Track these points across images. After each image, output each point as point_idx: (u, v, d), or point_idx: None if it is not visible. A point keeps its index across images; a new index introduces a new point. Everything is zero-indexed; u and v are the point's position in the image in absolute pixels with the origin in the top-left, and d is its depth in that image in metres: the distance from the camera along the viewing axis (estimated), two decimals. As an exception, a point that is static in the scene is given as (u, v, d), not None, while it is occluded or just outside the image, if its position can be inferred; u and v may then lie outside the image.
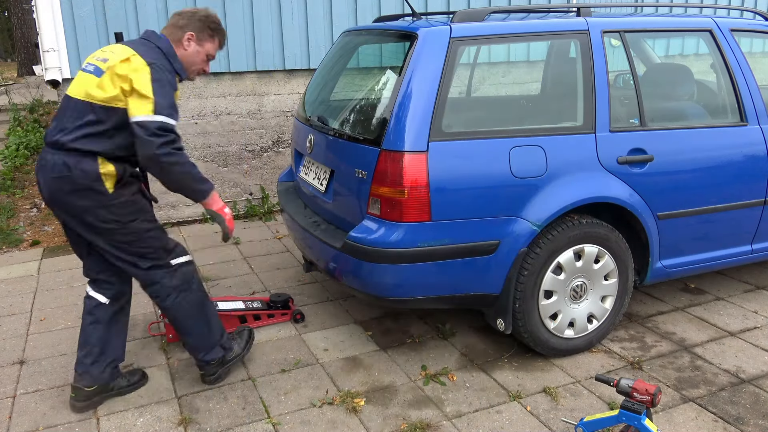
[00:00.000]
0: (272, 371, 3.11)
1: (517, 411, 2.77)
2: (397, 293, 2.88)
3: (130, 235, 2.67)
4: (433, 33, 2.84)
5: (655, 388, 2.33)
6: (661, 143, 3.13)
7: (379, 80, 3.34)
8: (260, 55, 5.37)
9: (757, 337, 3.38)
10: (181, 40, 2.70)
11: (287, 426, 2.69)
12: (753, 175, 3.39)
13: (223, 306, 3.47)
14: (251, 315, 3.53)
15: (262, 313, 3.56)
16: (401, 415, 2.75)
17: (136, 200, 2.72)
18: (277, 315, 3.59)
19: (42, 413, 2.80)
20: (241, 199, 5.72)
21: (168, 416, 2.76)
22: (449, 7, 5.89)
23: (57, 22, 4.74)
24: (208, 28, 2.74)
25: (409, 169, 2.70)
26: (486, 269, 2.89)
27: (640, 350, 3.27)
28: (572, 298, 3.10)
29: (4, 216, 5.58)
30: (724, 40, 3.42)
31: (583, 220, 3.00)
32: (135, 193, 2.72)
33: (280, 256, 4.67)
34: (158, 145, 2.45)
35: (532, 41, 3.47)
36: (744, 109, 3.38)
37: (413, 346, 3.34)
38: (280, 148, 5.74)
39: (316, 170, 3.40)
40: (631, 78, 3.23)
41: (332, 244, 3.01)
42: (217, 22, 2.79)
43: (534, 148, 2.86)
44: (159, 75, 2.51)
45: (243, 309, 3.52)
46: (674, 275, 3.42)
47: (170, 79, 2.58)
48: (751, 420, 2.69)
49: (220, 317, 3.38)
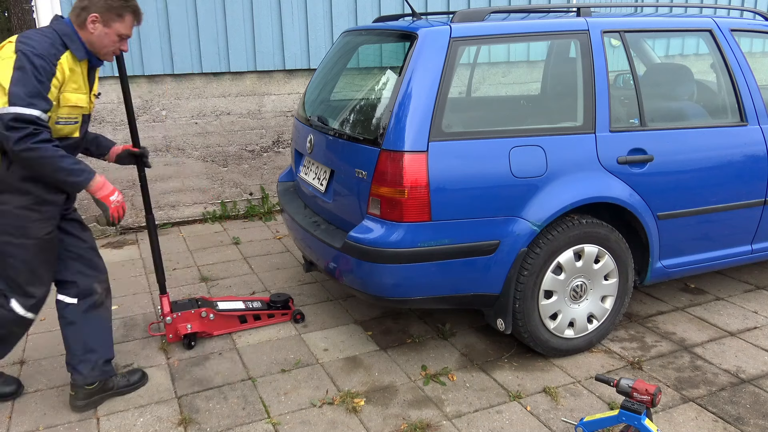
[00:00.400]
0: (272, 371, 3.11)
1: (517, 411, 2.77)
2: (397, 293, 2.88)
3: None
4: (433, 33, 2.84)
5: (655, 388, 2.33)
6: (661, 143, 3.13)
7: (379, 80, 3.34)
8: (260, 55, 5.38)
9: (757, 337, 3.38)
10: (86, 22, 2.49)
11: (287, 426, 2.69)
12: (753, 175, 3.39)
13: (223, 306, 3.47)
14: (251, 315, 3.53)
15: (262, 313, 3.56)
16: (401, 415, 2.75)
17: (19, 215, 2.47)
18: (277, 315, 3.59)
19: (42, 413, 2.80)
20: (241, 199, 5.72)
21: (168, 416, 2.77)
22: (449, 7, 5.89)
23: (57, 22, 4.73)
24: (112, 8, 2.51)
25: (409, 169, 2.71)
26: (486, 269, 2.89)
27: (640, 350, 3.27)
28: (572, 298, 3.10)
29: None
30: (724, 40, 3.42)
31: (583, 220, 3.00)
32: (22, 208, 2.48)
33: (280, 256, 4.67)
34: (15, 140, 2.28)
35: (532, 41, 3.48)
36: (744, 109, 3.38)
37: (413, 346, 3.34)
38: (280, 148, 5.74)
39: (316, 170, 3.40)
40: (631, 78, 3.24)
41: (332, 244, 3.01)
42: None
43: (534, 148, 2.87)
44: (23, 62, 2.31)
45: (243, 309, 3.51)
46: (674, 275, 3.42)
47: (42, 65, 2.35)
48: (751, 420, 2.69)
49: (222, 317, 3.39)
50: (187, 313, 3.30)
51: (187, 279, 4.27)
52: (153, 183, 5.36)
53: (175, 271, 4.41)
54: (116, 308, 3.82)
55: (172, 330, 3.29)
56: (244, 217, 5.67)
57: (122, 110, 5.12)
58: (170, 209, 5.48)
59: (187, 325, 3.29)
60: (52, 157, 2.38)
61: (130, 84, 5.11)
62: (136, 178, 5.25)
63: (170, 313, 3.28)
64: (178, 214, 5.52)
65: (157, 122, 5.27)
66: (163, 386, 2.99)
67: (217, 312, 3.40)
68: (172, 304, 3.34)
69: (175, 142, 5.36)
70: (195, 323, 3.32)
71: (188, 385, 3.00)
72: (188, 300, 3.43)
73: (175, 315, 3.27)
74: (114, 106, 5.10)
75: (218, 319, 3.41)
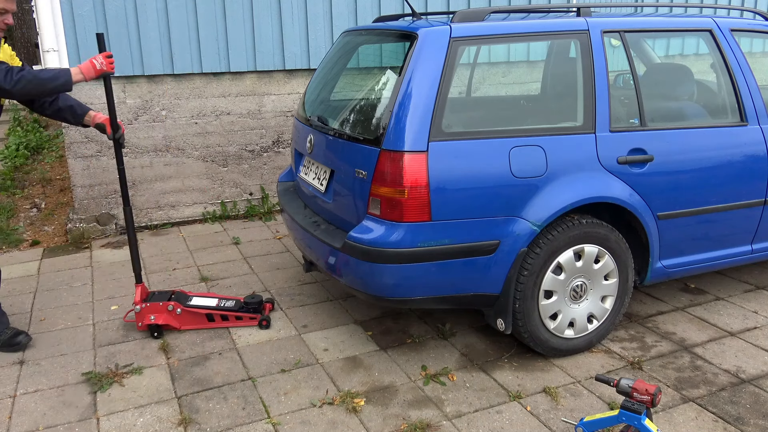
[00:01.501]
0: (272, 371, 3.11)
1: (517, 411, 2.77)
2: (397, 293, 2.89)
3: None
4: (433, 33, 2.84)
5: (655, 388, 2.33)
6: (661, 143, 3.13)
7: (379, 80, 3.34)
8: (260, 55, 5.38)
9: (757, 337, 3.38)
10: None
11: (287, 426, 2.69)
12: (753, 175, 3.39)
13: (194, 302, 3.55)
14: (219, 315, 3.55)
15: (230, 314, 3.56)
16: (401, 415, 2.75)
17: None
18: (245, 318, 3.57)
19: (42, 413, 2.80)
20: (241, 199, 5.72)
21: (168, 416, 2.77)
22: (449, 7, 5.89)
23: (57, 22, 4.74)
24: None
25: (409, 169, 2.71)
26: (486, 269, 2.89)
27: (640, 350, 3.27)
28: (572, 298, 3.10)
29: (4, 216, 5.59)
30: (724, 40, 3.42)
31: (583, 220, 3.00)
32: None
33: (280, 256, 4.67)
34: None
35: (532, 41, 3.47)
36: (744, 109, 3.38)
37: (413, 346, 3.34)
38: (280, 148, 5.74)
39: (316, 170, 3.40)
40: (631, 78, 3.24)
41: (332, 244, 3.01)
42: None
43: (534, 148, 2.87)
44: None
45: (212, 307, 3.55)
46: (674, 275, 3.42)
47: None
48: (751, 420, 2.69)
49: (189, 313, 3.48)
50: (155, 304, 3.44)
51: (187, 279, 4.27)
52: (153, 183, 5.37)
53: (175, 271, 4.41)
54: (116, 308, 3.83)
55: (140, 319, 3.44)
56: (244, 217, 5.67)
57: (122, 110, 5.12)
58: (170, 209, 5.48)
59: (151, 316, 3.42)
60: (32, 77, 2.94)
61: (130, 84, 5.15)
62: (134, 179, 5.25)
63: (140, 303, 3.44)
64: (178, 214, 5.52)
65: (157, 122, 5.27)
66: (163, 386, 2.99)
67: (185, 307, 3.47)
68: (150, 295, 3.52)
69: (175, 142, 5.37)
70: (160, 316, 3.43)
71: (188, 385, 3.00)
72: (162, 292, 3.57)
73: (143, 305, 3.43)
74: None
75: (185, 315, 3.48)
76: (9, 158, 7.00)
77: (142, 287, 3.49)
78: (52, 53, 4.75)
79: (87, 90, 4.97)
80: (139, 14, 4.93)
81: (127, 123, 5.17)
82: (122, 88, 5.09)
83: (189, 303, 3.53)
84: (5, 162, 6.96)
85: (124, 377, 3.07)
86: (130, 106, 5.16)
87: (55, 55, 4.76)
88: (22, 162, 7.01)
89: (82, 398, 2.91)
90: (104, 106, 5.04)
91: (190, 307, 3.49)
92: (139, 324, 3.45)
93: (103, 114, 3.39)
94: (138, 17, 4.94)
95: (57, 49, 4.76)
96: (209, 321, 3.54)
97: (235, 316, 3.56)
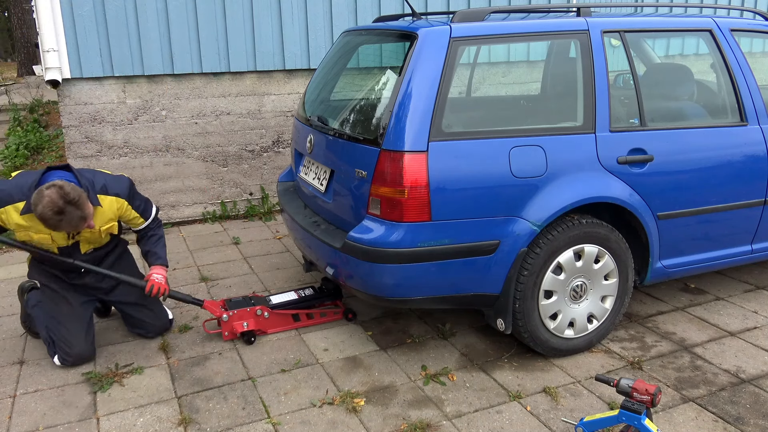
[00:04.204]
0: (272, 371, 3.11)
1: (517, 411, 2.77)
2: (398, 293, 2.89)
3: None
4: (433, 33, 2.84)
5: (655, 388, 2.33)
6: (661, 143, 3.13)
7: (379, 80, 3.34)
8: (260, 55, 5.38)
9: (757, 337, 3.38)
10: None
11: (287, 426, 2.69)
12: (753, 175, 3.39)
13: (277, 301, 3.51)
14: (304, 314, 3.57)
15: (315, 311, 3.58)
16: (401, 415, 2.75)
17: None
18: (329, 314, 3.61)
19: (42, 413, 2.80)
20: (241, 199, 5.72)
21: (168, 416, 2.77)
22: (449, 7, 5.89)
23: (57, 22, 4.74)
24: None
25: (409, 169, 2.71)
26: (486, 269, 2.89)
27: (640, 350, 3.27)
28: (572, 298, 3.10)
29: (4, 216, 5.58)
30: (724, 40, 3.42)
31: (583, 220, 3.00)
32: None
33: (280, 256, 4.67)
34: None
35: (532, 41, 3.48)
36: (744, 109, 3.38)
37: (413, 346, 3.34)
38: (280, 148, 5.74)
39: (316, 170, 3.40)
40: (631, 78, 3.23)
41: (332, 244, 3.01)
42: None
43: (534, 148, 2.87)
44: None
45: (296, 302, 3.53)
46: (674, 275, 3.42)
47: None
48: (751, 420, 2.69)
49: (277, 315, 3.45)
50: (243, 311, 3.37)
51: (187, 279, 4.27)
52: (153, 183, 5.37)
53: (175, 271, 4.41)
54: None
55: (228, 328, 3.37)
56: (244, 217, 5.67)
57: (122, 110, 5.13)
58: (170, 209, 5.48)
59: (243, 323, 3.35)
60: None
61: (130, 84, 5.15)
62: (134, 179, 5.25)
63: (226, 312, 3.36)
64: (178, 214, 5.52)
65: (157, 122, 5.27)
66: (163, 386, 2.99)
67: (272, 310, 3.45)
68: (227, 302, 3.44)
69: (175, 142, 5.37)
70: (251, 321, 3.37)
71: (188, 385, 3.00)
72: (241, 298, 3.50)
73: (230, 313, 3.35)
74: (114, 106, 5.10)
75: (273, 317, 3.45)
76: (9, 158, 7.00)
77: (212, 302, 3.44)
78: (52, 53, 4.75)
79: (87, 90, 4.98)
80: (139, 14, 4.94)
81: (128, 123, 5.18)
82: (122, 88, 5.09)
83: (273, 304, 3.47)
84: (5, 162, 6.96)
85: (124, 377, 3.07)
86: (130, 106, 5.16)
87: (55, 55, 4.76)
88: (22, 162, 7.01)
89: (82, 398, 2.91)
90: (103, 105, 5.06)
91: (276, 308, 3.45)
92: (226, 333, 3.36)
93: (159, 277, 3.30)
94: (138, 17, 4.94)
95: (57, 49, 4.77)
96: (295, 321, 3.53)
97: (319, 313, 3.59)
